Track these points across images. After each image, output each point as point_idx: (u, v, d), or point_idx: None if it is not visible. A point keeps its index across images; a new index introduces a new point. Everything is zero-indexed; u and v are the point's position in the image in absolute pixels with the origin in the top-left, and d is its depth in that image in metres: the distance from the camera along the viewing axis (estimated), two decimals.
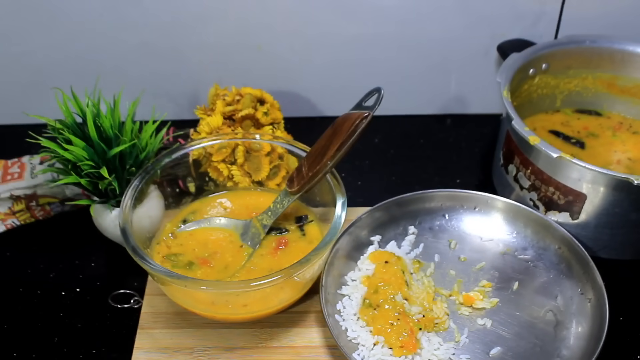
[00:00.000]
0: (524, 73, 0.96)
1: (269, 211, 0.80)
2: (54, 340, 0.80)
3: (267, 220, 0.80)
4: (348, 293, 0.80)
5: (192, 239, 0.82)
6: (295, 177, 0.75)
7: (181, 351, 0.78)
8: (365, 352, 0.74)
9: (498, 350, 0.76)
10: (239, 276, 0.78)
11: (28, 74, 1.05)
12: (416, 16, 1.00)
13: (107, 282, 0.87)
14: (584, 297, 0.79)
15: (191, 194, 0.88)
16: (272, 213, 0.80)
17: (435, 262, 0.85)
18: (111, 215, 0.84)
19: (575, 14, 1.00)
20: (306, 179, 0.74)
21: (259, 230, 0.81)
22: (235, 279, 0.77)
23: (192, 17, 1.00)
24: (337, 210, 0.76)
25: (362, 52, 1.04)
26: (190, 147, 0.85)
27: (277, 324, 0.80)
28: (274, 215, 0.80)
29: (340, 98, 1.09)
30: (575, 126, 1.01)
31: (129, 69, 1.04)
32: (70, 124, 0.82)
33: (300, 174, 0.74)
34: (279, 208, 0.79)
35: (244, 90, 0.94)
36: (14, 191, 0.90)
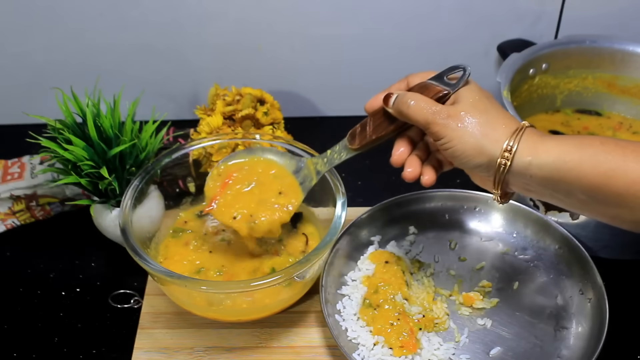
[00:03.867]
0: (524, 73, 0.96)
1: (324, 157, 0.75)
2: (54, 340, 0.80)
3: (321, 166, 0.75)
4: (348, 293, 0.80)
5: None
6: (357, 134, 0.70)
7: (181, 351, 0.78)
8: (365, 352, 0.74)
9: (498, 350, 0.76)
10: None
11: (28, 74, 1.05)
12: (416, 16, 1.00)
13: (107, 282, 0.87)
14: (584, 297, 0.79)
15: (191, 194, 0.88)
16: (327, 161, 0.75)
17: (435, 262, 0.85)
18: (111, 215, 0.84)
19: (575, 14, 1.00)
20: (368, 140, 0.69)
21: (311, 174, 0.77)
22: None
23: (192, 17, 1.00)
24: (337, 210, 0.76)
25: (362, 52, 1.04)
26: (190, 147, 0.85)
27: (277, 324, 0.80)
28: (329, 163, 0.74)
29: (340, 98, 1.10)
30: (575, 126, 1.01)
31: (129, 69, 1.04)
32: (70, 124, 0.82)
33: (364, 133, 0.70)
34: (335, 158, 0.73)
35: (244, 90, 0.94)
36: (14, 191, 0.90)
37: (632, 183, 0.56)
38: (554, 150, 0.59)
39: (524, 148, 0.60)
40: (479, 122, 0.62)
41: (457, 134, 0.61)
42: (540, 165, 0.59)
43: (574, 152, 0.58)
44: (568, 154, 0.58)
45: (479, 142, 0.61)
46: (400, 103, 0.65)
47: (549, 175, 0.59)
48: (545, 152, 0.59)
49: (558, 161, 0.58)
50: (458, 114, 0.62)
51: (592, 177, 0.57)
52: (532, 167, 0.60)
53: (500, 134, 0.61)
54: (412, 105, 0.64)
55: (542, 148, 0.60)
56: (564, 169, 0.58)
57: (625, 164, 0.56)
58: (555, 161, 0.59)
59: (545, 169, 0.59)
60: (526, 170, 0.60)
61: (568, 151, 0.59)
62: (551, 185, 0.60)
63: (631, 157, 0.56)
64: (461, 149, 0.62)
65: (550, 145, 0.60)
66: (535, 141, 0.60)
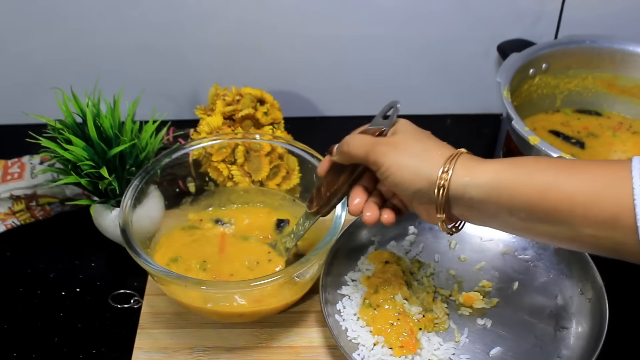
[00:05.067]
0: (524, 73, 0.96)
1: (291, 234, 0.78)
2: (54, 340, 0.80)
3: (289, 242, 0.79)
4: (348, 293, 0.80)
5: None
6: (314, 197, 0.74)
7: (181, 351, 0.78)
8: (365, 352, 0.74)
9: (498, 350, 0.76)
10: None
11: (28, 74, 1.05)
12: (416, 16, 1.00)
13: (107, 282, 0.87)
14: (584, 297, 0.79)
15: (191, 194, 0.88)
16: (294, 236, 0.78)
17: (435, 262, 0.85)
18: (111, 215, 0.84)
19: (575, 14, 1.00)
20: (325, 200, 0.72)
21: (282, 253, 0.80)
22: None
23: (192, 17, 1.00)
24: (337, 210, 0.76)
25: (362, 52, 1.04)
26: (190, 147, 0.85)
27: (277, 324, 0.80)
28: (296, 237, 0.78)
29: (340, 98, 1.10)
30: (575, 126, 1.01)
31: (129, 69, 1.04)
32: (70, 124, 0.82)
33: (319, 194, 0.73)
34: (300, 230, 0.77)
35: (244, 90, 0.94)
36: (14, 191, 0.90)
37: (566, 197, 0.57)
38: (490, 170, 0.60)
39: (460, 170, 0.61)
40: (416, 148, 0.63)
41: (395, 161, 0.63)
42: (477, 185, 0.60)
43: (508, 171, 0.60)
44: (503, 172, 0.60)
45: (417, 166, 0.62)
46: (341, 146, 0.68)
47: (487, 195, 0.60)
48: (481, 173, 0.61)
49: (494, 180, 0.60)
50: (395, 142, 0.64)
51: (528, 193, 0.58)
52: (470, 187, 0.61)
53: (437, 157, 0.62)
54: (351, 143, 0.66)
55: (478, 169, 0.61)
56: (500, 187, 0.59)
57: (557, 179, 0.57)
58: (491, 180, 0.60)
59: (482, 189, 0.60)
60: (465, 191, 0.61)
61: (503, 170, 0.60)
62: (491, 205, 0.61)
63: (564, 173, 0.58)
64: (400, 175, 0.63)
65: (486, 166, 0.61)
66: (471, 164, 0.62)
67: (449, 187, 0.61)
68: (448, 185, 0.61)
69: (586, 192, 0.56)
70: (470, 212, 0.63)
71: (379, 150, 0.64)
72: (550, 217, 0.58)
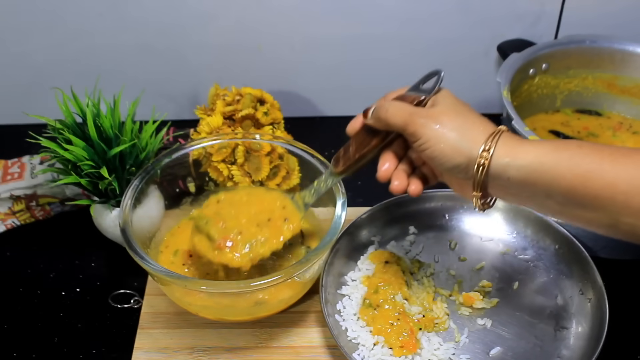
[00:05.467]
0: (524, 73, 0.96)
1: (312, 189, 0.76)
2: (54, 340, 0.80)
3: (309, 198, 0.76)
4: (348, 293, 0.80)
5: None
6: (341, 157, 0.71)
7: (181, 351, 0.78)
8: (365, 352, 0.74)
9: (498, 350, 0.76)
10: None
11: (28, 74, 1.05)
12: (416, 16, 1.00)
13: (107, 282, 0.87)
14: (584, 297, 0.79)
15: (191, 194, 0.88)
16: (315, 191, 0.76)
17: (435, 262, 0.85)
18: (111, 215, 0.84)
19: (575, 14, 1.00)
20: (352, 161, 0.70)
21: (301, 208, 0.77)
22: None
23: (192, 17, 1.00)
24: (337, 210, 0.76)
25: (362, 52, 1.04)
26: (190, 147, 0.85)
27: (277, 324, 0.80)
28: (317, 193, 0.76)
29: (340, 98, 1.10)
30: (575, 126, 1.01)
31: (129, 69, 1.04)
32: (70, 124, 0.82)
33: (347, 155, 0.70)
34: (322, 187, 0.75)
35: (244, 90, 0.94)
36: (14, 191, 0.90)
37: (608, 185, 0.56)
38: (532, 152, 0.59)
39: (501, 149, 0.60)
40: (457, 122, 0.62)
41: (435, 133, 0.61)
42: (518, 166, 0.59)
43: (551, 154, 0.59)
44: (545, 155, 0.59)
45: (457, 142, 0.61)
46: (377, 111, 0.66)
47: (527, 177, 0.59)
48: (523, 154, 0.59)
49: (535, 162, 0.59)
50: (436, 114, 0.63)
51: (569, 178, 0.57)
52: (510, 168, 0.60)
53: (478, 134, 0.61)
54: (389, 110, 0.65)
55: (520, 150, 0.60)
56: (541, 170, 0.58)
57: (601, 167, 0.56)
58: (532, 162, 0.59)
59: (522, 170, 0.59)
60: (504, 171, 0.60)
61: (545, 153, 0.59)
62: (529, 187, 0.60)
63: (608, 160, 0.57)
64: (439, 149, 0.61)
65: (528, 147, 0.60)
66: (513, 144, 0.60)
67: (489, 166, 0.60)
68: (488, 165, 0.60)
69: (629, 180, 0.55)
70: (507, 191, 0.62)
71: (418, 121, 0.62)
72: (589, 204, 0.57)
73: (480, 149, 0.60)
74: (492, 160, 0.60)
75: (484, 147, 0.60)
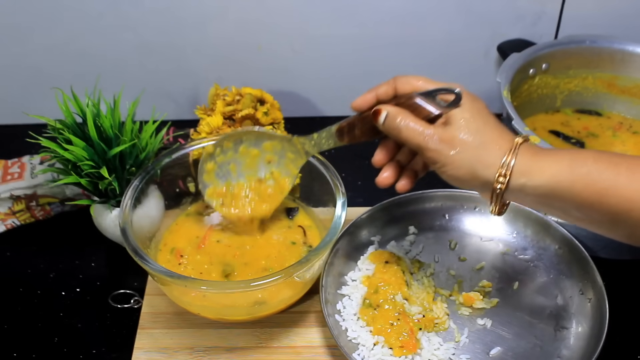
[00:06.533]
0: (524, 73, 0.96)
1: (311, 139, 0.76)
2: (54, 340, 0.80)
3: (309, 147, 0.76)
4: (348, 293, 0.80)
5: None
6: (346, 134, 0.71)
7: (181, 351, 0.78)
8: (365, 352, 0.74)
9: (498, 350, 0.76)
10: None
11: (28, 74, 1.05)
12: (416, 16, 1.00)
13: (107, 282, 0.87)
14: (584, 297, 0.79)
15: (191, 194, 0.88)
16: (315, 144, 0.75)
17: (435, 262, 0.85)
18: (111, 215, 0.84)
19: (575, 14, 1.00)
20: (356, 140, 0.70)
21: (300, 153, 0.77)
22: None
23: (192, 17, 1.00)
24: (337, 210, 0.76)
25: (362, 52, 1.04)
26: (190, 147, 0.85)
27: (277, 324, 0.80)
28: (318, 147, 0.75)
29: (340, 98, 1.09)
30: (575, 126, 1.01)
31: (129, 69, 1.04)
32: (70, 124, 0.82)
33: (352, 134, 0.70)
34: (323, 144, 0.74)
35: (244, 90, 0.94)
36: (14, 191, 0.90)
37: (625, 201, 0.56)
38: (547, 170, 0.60)
39: (518, 170, 0.60)
40: (471, 146, 0.61)
41: (450, 160, 0.62)
42: (534, 186, 0.60)
43: (567, 172, 0.59)
44: (561, 174, 0.59)
45: (473, 167, 0.61)
46: (391, 122, 0.65)
47: (544, 195, 0.60)
48: (538, 174, 0.60)
49: (552, 182, 0.59)
50: (450, 138, 0.62)
51: (586, 196, 0.58)
52: (527, 188, 0.60)
53: (494, 157, 0.61)
54: (403, 128, 0.64)
55: (536, 168, 0.60)
56: (558, 189, 0.59)
57: (617, 182, 0.57)
58: (548, 182, 0.59)
59: (539, 190, 0.60)
60: (521, 190, 0.61)
61: (561, 171, 0.59)
62: (547, 203, 0.61)
63: (624, 175, 0.57)
64: (455, 174, 0.62)
65: (544, 164, 0.60)
66: (529, 162, 0.60)
67: (506, 188, 0.61)
68: (505, 188, 0.60)
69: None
70: (525, 203, 0.63)
71: (433, 147, 0.62)
72: (606, 218, 0.58)
73: (496, 173, 0.60)
74: (509, 182, 0.60)
75: (500, 172, 0.60)
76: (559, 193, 0.59)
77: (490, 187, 0.61)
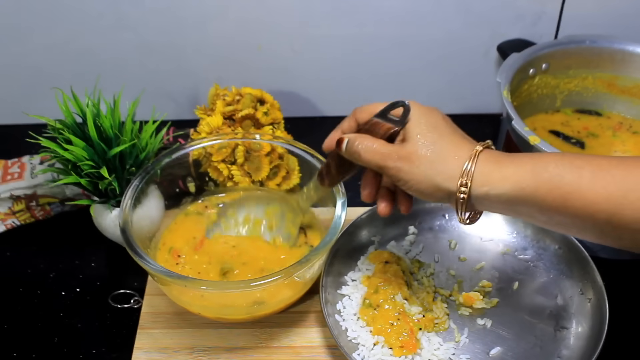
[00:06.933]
0: (524, 73, 0.96)
1: (302, 194, 0.79)
2: (54, 340, 0.80)
3: (302, 203, 0.79)
4: (348, 293, 0.80)
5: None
6: (325, 175, 0.74)
7: (181, 351, 0.78)
8: (365, 352, 0.74)
9: (498, 350, 0.76)
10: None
11: (28, 74, 1.05)
12: (416, 16, 1.00)
13: (107, 282, 0.87)
14: (584, 297, 0.79)
15: (191, 194, 0.88)
16: (307, 198, 0.78)
17: (435, 262, 0.85)
18: (111, 215, 0.84)
19: (575, 14, 1.00)
20: (336, 179, 0.73)
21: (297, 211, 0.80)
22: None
23: (192, 17, 1.00)
24: (337, 210, 0.76)
25: (362, 52, 1.04)
26: (190, 147, 0.85)
27: (277, 324, 0.80)
28: (309, 200, 0.78)
29: (340, 98, 1.10)
30: (575, 126, 1.01)
31: (129, 68, 1.04)
32: (70, 124, 0.82)
33: (330, 174, 0.73)
34: (313, 195, 0.77)
35: (244, 90, 0.94)
36: (14, 191, 0.90)
37: (590, 203, 0.55)
38: (509, 178, 0.59)
39: (479, 179, 0.60)
40: (429, 160, 0.62)
41: (410, 176, 0.62)
42: (497, 194, 0.60)
43: (529, 179, 0.58)
44: (524, 180, 0.58)
45: (433, 180, 0.61)
46: (350, 147, 0.66)
47: (508, 202, 0.60)
48: (500, 182, 0.59)
49: (515, 189, 0.59)
50: (407, 154, 0.62)
51: (550, 200, 0.57)
52: (490, 195, 0.60)
53: (453, 168, 0.61)
54: (362, 150, 0.65)
55: (498, 176, 0.60)
56: (521, 195, 0.59)
57: (580, 186, 0.56)
58: (512, 189, 0.59)
59: (503, 197, 0.59)
60: (485, 198, 0.60)
61: (523, 178, 0.58)
62: (512, 209, 0.61)
63: (587, 178, 0.56)
64: (419, 188, 0.62)
65: (506, 172, 0.59)
66: (489, 170, 0.60)
67: (469, 197, 0.60)
68: (467, 196, 0.60)
69: (609, 198, 0.55)
70: (492, 209, 0.62)
71: (392, 165, 0.63)
72: (572, 222, 0.57)
73: (457, 183, 0.60)
74: (471, 191, 0.60)
75: (461, 181, 0.60)
76: (523, 199, 0.59)
77: (454, 198, 0.61)
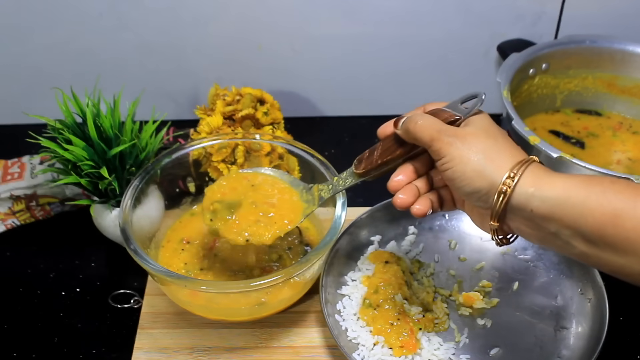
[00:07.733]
0: (524, 73, 0.96)
1: (329, 184, 0.74)
2: (54, 340, 0.80)
3: (325, 192, 0.74)
4: (348, 293, 0.80)
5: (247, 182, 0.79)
6: (364, 159, 0.69)
7: (181, 351, 0.78)
8: (365, 352, 0.74)
9: (498, 350, 0.76)
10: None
11: (28, 74, 1.05)
12: (416, 16, 1.00)
13: (107, 282, 0.87)
14: (584, 297, 0.79)
15: (191, 194, 0.88)
16: (332, 187, 0.74)
17: (435, 262, 0.85)
18: (111, 215, 0.84)
19: (575, 14, 1.00)
20: (374, 165, 0.68)
21: (314, 199, 0.76)
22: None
23: (192, 17, 1.00)
24: (337, 210, 0.76)
25: (362, 52, 1.04)
26: (190, 147, 0.85)
27: (277, 324, 0.80)
28: (334, 190, 0.73)
29: (340, 98, 1.10)
30: (575, 126, 1.01)
31: (129, 68, 1.04)
32: (70, 124, 0.82)
33: (371, 158, 0.68)
34: (340, 184, 0.73)
35: (244, 90, 0.94)
36: (14, 191, 0.90)
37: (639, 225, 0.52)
38: (560, 184, 0.55)
39: (527, 178, 0.56)
40: (485, 145, 0.59)
41: (459, 152, 0.58)
42: (543, 198, 0.55)
43: (580, 188, 0.54)
44: (574, 188, 0.54)
45: (482, 164, 0.58)
46: (408, 122, 0.63)
47: (552, 210, 0.55)
48: (549, 185, 0.56)
49: (563, 195, 0.54)
50: (465, 134, 0.59)
51: (598, 216, 0.53)
52: (534, 199, 0.56)
53: (506, 160, 0.57)
54: (419, 124, 0.61)
55: (547, 180, 0.56)
56: (569, 204, 0.54)
57: (634, 205, 0.52)
58: (559, 195, 0.54)
59: (548, 202, 0.55)
60: (528, 202, 0.56)
61: (574, 186, 0.54)
62: (554, 222, 0.55)
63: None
64: (461, 169, 0.58)
65: (556, 179, 0.56)
66: (540, 174, 0.57)
67: (511, 195, 0.56)
68: (510, 193, 0.56)
69: None
70: (529, 226, 0.58)
71: (445, 139, 0.59)
72: (619, 246, 0.53)
73: (505, 175, 0.56)
74: (515, 189, 0.56)
75: (509, 173, 0.56)
76: (569, 210, 0.54)
77: (494, 191, 0.57)
